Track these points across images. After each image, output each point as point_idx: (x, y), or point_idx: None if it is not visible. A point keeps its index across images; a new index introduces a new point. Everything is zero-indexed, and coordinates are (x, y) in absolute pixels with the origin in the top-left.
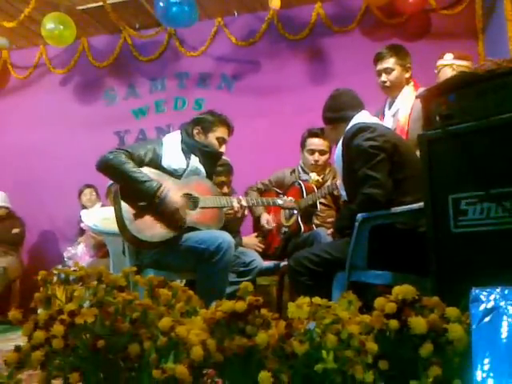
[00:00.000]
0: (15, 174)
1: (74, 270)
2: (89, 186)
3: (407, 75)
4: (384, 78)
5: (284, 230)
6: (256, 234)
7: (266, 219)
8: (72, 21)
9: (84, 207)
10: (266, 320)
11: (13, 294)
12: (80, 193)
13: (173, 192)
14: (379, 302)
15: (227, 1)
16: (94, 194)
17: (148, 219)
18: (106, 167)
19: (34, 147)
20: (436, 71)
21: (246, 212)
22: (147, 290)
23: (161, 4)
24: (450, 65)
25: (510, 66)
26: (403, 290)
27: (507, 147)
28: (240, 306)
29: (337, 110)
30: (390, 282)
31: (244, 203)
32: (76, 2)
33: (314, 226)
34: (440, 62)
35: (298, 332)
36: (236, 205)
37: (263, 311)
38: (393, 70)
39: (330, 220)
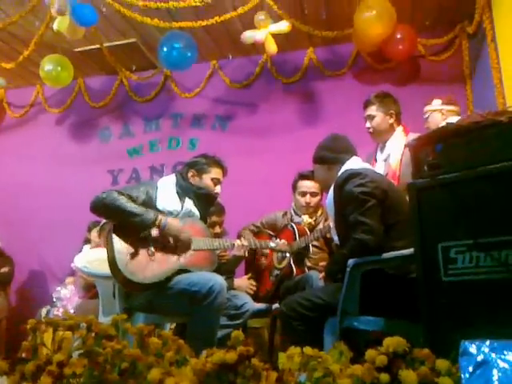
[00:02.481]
0: (6, 212)
1: (64, 319)
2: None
3: (391, 121)
4: (368, 124)
5: (276, 272)
6: (248, 275)
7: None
8: (69, 62)
9: (88, 242)
10: (257, 371)
11: None
12: (90, 228)
13: (171, 219)
14: (370, 354)
15: (222, 44)
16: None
17: (141, 260)
18: (100, 207)
19: (27, 185)
20: (425, 117)
21: (247, 252)
22: (137, 339)
23: (164, 49)
24: (439, 110)
25: (494, 118)
26: (394, 342)
27: (493, 197)
28: (230, 356)
29: (334, 151)
30: (383, 328)
31: (246, 243)
32: (74, 45)
33: (306, 268)
34: (428, 108)
35: None
36: (239, 243)
37: (254, 361)
38: (374, 116)
39: (322, 263)
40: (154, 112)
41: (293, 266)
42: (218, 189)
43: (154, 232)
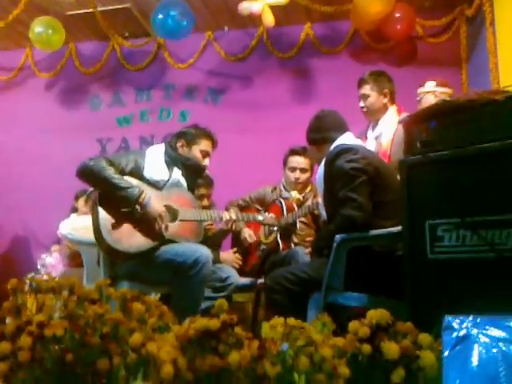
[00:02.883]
0: None
1: (46, 281)
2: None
3: (385, 100)
4: (361, 103)
5: (262, 247)
6: (234, 249)
7: (249, 233)
8: (61, 25)
9: (75, 211)
10: (240, 339)
11: None
12: (77, 197)
13: (154, 200)
14: (353, 325)
15: (218, 15)
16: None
17: (126, 229)
18: (87, 173)
19: (13, 150)
20: (418, 99)
21: (234, 226)
22: (120, 303)
23: (159, 16)
24: (432, 92)
25: (489, 97)
26: (377, 315)
27: (483, 177)
28: (213, 323)
29: (321, 131)
30: (366, 304)
31: (233, 216)
32: (66, 7)
33: (292, 244)
34: (421, 90)
35: (271, 353)
36: (226, 216)
37: (237, 330)
38: (368, 96)
39: (308, 239)
40: (145, 81)
41: (279, 241)
42: (206, 161)
43: (138, 208)
